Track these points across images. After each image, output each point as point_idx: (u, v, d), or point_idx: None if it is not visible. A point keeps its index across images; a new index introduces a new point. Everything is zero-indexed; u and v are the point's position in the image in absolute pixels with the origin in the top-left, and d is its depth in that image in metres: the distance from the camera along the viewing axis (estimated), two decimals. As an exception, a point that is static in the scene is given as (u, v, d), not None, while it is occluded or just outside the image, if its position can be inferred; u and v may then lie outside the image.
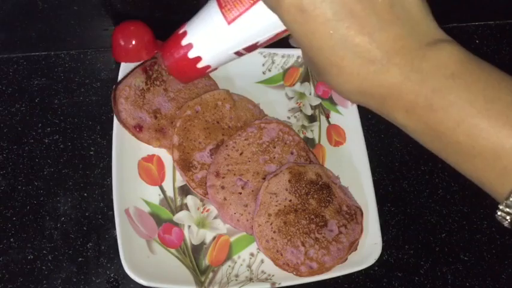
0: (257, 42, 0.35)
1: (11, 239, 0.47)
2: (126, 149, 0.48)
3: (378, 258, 0.48)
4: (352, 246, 0.47)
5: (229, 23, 0.33)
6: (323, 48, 0.26)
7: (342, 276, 0.47)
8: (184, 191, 0.49)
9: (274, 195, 0.46)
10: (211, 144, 0.49)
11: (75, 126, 0.52)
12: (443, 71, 0.26)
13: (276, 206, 0.46)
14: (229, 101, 0.51)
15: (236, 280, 0.46)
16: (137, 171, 0.49)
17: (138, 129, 0.49)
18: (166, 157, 0.50)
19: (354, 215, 0.49)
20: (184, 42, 0.37)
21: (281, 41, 0.61)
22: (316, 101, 0.56)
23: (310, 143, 0.54)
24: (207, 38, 0.36)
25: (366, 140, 0.53)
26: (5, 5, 0.49)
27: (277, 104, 0.55)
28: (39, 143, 0.51)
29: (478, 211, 0.55)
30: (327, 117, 0.56)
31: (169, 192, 0.49)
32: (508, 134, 0.24)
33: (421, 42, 0.26)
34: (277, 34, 0.34)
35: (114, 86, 0.50)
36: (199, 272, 0.46)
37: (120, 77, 0.51)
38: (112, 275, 0.47)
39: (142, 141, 0.49)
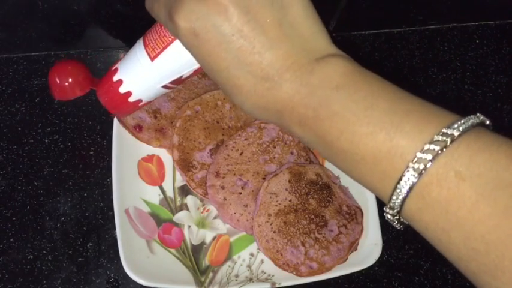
0: (181, 76, 0.37)
1: (11, 239, 0.47)
2: (126, 149, 0.48)
3: (378, 258, 0.48)
4: (352, 246, 0.47)
5: (152, 59, 0.36)
6: (220, 70, 0.28)
7: (342, 276, 0.47)
8: (184, 191, 0.49)
9: (274, 195, 0.46)
10: (211, 144, 0.49)
11: (75, 126, 0.52)
12: (328, 83, 0.27)
13: (276, 206, 0.46)
14: (229, 101, 0.51)
15: (236, 280, 0.46)
16: (137, 171, 0.49)
17: (138, 129, 0.49)
18: (166, 157, 0.50)
19: (354, 215, 0.49)
20: (115, 78, 0.39)
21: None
22: (316, 101, 0.56)
23: (310, 143, 0.54)
24: (134, 74, 0.38)
25: (366, 140, 0.53)
26: (5, 5, 0.49)
27: (277, 104, 0.55)
28: (39, 143, 0.51)
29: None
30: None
31: (169, 192, 0.49)
32: (384, 139, 0.25)
33: (311, 58, 0.27)
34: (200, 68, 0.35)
35: (114, 86, 0.50)
36: (199, 272, 0.46)
37: (120, 77, 0.51)
38: (112, 275, 0.47)
39: (142, 141, 0.49)
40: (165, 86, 0.38)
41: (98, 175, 0.50)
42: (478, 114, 0.25)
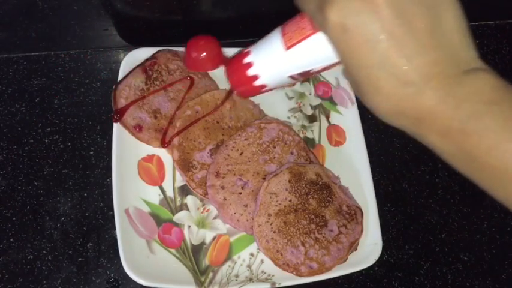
0: (310, 70, 0.37)
1: (11, 239, 0.47)
2: (126, 149, 0.48)
3: (378, 258, 0.48)
4: (352, 246, 0.47)
5: (287, 48, 0.36)
6: (362, 67, 0.27)
7: (342, 276, 0.47)
8: (184, 191, 0.49)
9: (274, 195, 0.46)
10: (211, 144, 0.49)
11: (75, 126, 0.52)
12: (478, 97, 0.26)
13: (276, 206, 0.46)
14: (229, 101, 0.51)
15: (236, 280, 0.46)
16: (137, 171, 0.49)
17: (138, 129, 0.49)
18: (166, 157, 0.50)
19: (354, 215, 0.49)
20: (245, 60, 0.40)
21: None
22: (316, 101, 0.57)
23: (310, 143, 0.54)
24: (265, 59, 0.39)
25: (366, 140, 0.53)
26: (5, 5, 0.49)
27: (277, 104, 0.55)
28: (39, 143, 0.51)
29: (478, 211, 0.55)
30: (327, 117, 0.56)
31: (169, 192, 0.49)
32: None
33: (459, 69, 0.27)
34: (331, 65, 0.35)
35: (114, 86, 0.50)
36: (199, 272, 0.46)
37: (120, 77, 0.51)
38: (112, 275, 0.47)
39: (142, 141, 0.49)
40: (292, 77, 0.38)
41: (98, 175, 0.50)
42: None
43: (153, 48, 0.53)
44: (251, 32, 0.60)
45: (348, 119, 0.55)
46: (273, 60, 0.38)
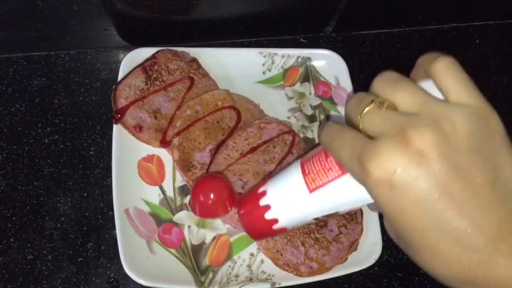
0: (338, 212, 0.33)
1: (11, 239, 0.47)
2: (126, 149, 0.48)
3: (378, 258, 0.48)
4: (352, 246, 0.47)
5: (311, 191, 0.32)
6: (415, 229, 0.24)
7: (342, 276, 0.47)
8: (184, 191, 0.49)
9: (274, 195, 0.46)
10: (211, 144, 0.49)
11: (75, 126, 0.52)
12: None
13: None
14: (229, 101, 0.51)
15: (236, 280, 0.46)
16: (137, 171, 0.49)
17: (138, 129, 0.49)
18: (166, 157, 0.50)
19: (354, 215, 0.49)
20: (262, 202, 0.36)
21: (281, 41, 0.61)
22: (316, 101, 0.56)
23: (310, 143, 0.54)
24: (286, 202, 0.35)
25: (366, 140, 0.53)
26: (5, 5, 0.49)
27: (277, 104, 0.55)
28: (39, 143, 0.51)
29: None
30: (327, 117, 0.56)
31: (169, 192, 0.49)
32: None
33: None
34: (363, 205, 0.32)
35: (114, 86, 0.50)
36: (199, 272, 0.46)
37: (120, 77, 0.51)
38: (112, 275, 0.47)
39: (142, 141, 0.49)
40: (316, 219, 0.34)
41: (98, 175, 0.50)
42: None
43: (153, 48, 0.53)
44: (251, 32, 0.61)
45: (348, 119, 0.55)
46: (295, 204, 0.34)
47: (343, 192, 0.30)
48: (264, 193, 0.36)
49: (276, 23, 0.59)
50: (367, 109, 0.26)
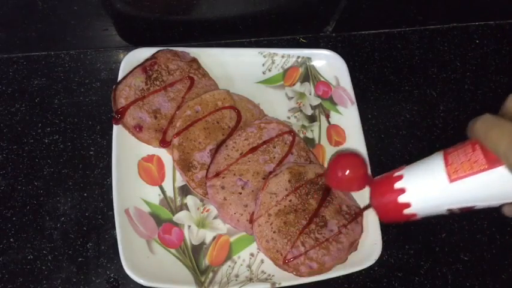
0: (474, 206, 0.33)
1: (11, 239, 0.47)
2: (126, 149, 0.48)
3: (378, 258, 0.48)
4: (352, 246, 0.47)
5: (451, 181, 0.32)
6: None
7: (342, 276, 0.47)
8: (184, 191, 0.49)
9: (274, 195, 0.46)
10: (211, 144, 0.49)
11: (75, 126, 0.52)
12: None
13: (276, 206, 0.46)
14: (229, 101, 0.51)
15: (236, 280, 0.46)
16: (137, 171, 0.49)
17: (138, 129, 0.49)
18: (166, 157, 0.50)
19: (354, 215, 0.49)
20: (397, 185, 0.36)
21: (281, 41, 0.61)
22: (316, 101, 0.56)
23: (310, 143, 0.54)
24: (422, 189, 0.35)
25: (366, 140, 0.53)
26: (5, 5, 0.49)
27: (277, 104, 0.55)
28: (39, 143, 0.51)
29: (478, 211, 0.55)
30: (327, 117, 0.56)
31: (169, 192, 0.49)
32: None
33: None
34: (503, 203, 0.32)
35: (114, 86, 0.50)
36: (199, 272, 0.46)
37: (120, 77, 0.51)
38: (112, 275, 0.47)
39: (142, 141, 0.49)
40: (450, 210, 0.34)
41: (98, 175, 0.50)
42: None
43: (153, 48, 0.53)
44: (251, 32, 0.61)
45: (348, 119, 0.55)
46: (432, 191, 0.34)
47: (486, 187, 0.30)
48: (400, 177, 0.36)
49: (276, 23, 0.59)
50: None
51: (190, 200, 0.49)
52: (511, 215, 0.30)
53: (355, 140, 0.54)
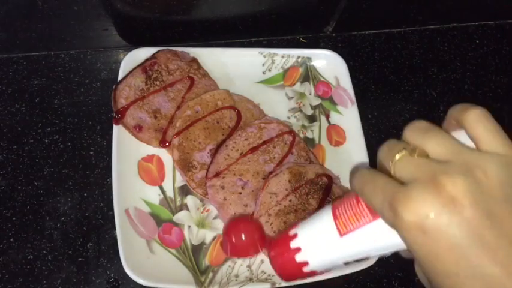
0: (369, 256, 0.33)
1: (11, 239, 0.47)
2: (126, 149, 0.48)
3: (378, 258, 0.48)
4: (352, 246, 0.47)
5: (341, 235, 0.32)
6: (448, 274, 0.24)
7: (342, 276, 0.47)
8: (184, 191, 0.49)
9: (274, 195, 0.46)
10: (211, 144, 0.49)
11: (75, 126, 0.52)
12: None
13: (276, 206, 0.46)
14: (229, 101, 0.51)
15: (236, 280, 0.46)
16: (137, 171, 0.49)
17: (138, 129, 0.49)
18: (166, 157, 0.50)
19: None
20: (293, 244, 0.36)
21: (281, 41, 0.61)
22: (316, 101, 0.56)
23: (310, 143, 0.54)
24: (316, 246, 0.35)
25: (365, 140, 0.53)
26: (5, 5, 0.49)
27: (277, 104, 0.55)
28: (39, 143, 0.51)
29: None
30: (327, 117, 0.56)
31: (169, 192, 0.49)
32: None
33: None
34: (395, 251, 0.32)
35: (114, 86, 0.50)
36: (199, 272, 0.46)
37: (120, 77, 0.51)
38: (112, 275, 0.47)
39: (142, 141, 0.49)
40: (347, 263, 0.34)
41: (98, 175, 0.50)
42: None
43: (153, 48, 0.53)
44: (251, 32, 0.61)
45: (348, 119, 0.55)
46: (325, 247, 0.34)
47: (374, 238, 0.31)
48: (295, 235, 0.36)
49: (276, 23, 0.59)
50: (399, 156, 0.27)
51: (190, 200, 0.49)
52: (408, 257, 0.31)
53: (355, 140, 0.54)
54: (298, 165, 0.48)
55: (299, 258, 0.35)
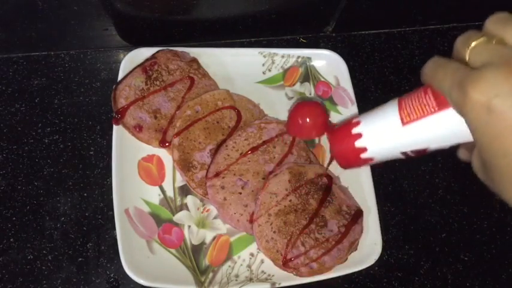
0: (427, 148, 0.33)
1: (11, 239, 0.47)
2: (126, 149, 0.48)
3: (378, 258, 0.48)
4: (352, 246, 0.47)
5: (404, 124, 0.33)
6: (505, 154, 0.25)
7: (342, 276, 0.47)
8: (184, 191, 0.49)
9: (274, 195, 0.46)
10: (211, 144, 0.49)
11: (75, 126, 0.52)
12: None
13: (276, 206, 0.46)
14: (229, 101, 0.51)
15: (236, 280, 0.46)
16: (137, 171, 0.49)
17: (138, 129, 0.49)
18: (166, 157, 0.50)
19: (354, 215, 0.49)
20: (355, 130, 0.37)
21: (281, 41, 0.61)
22: (316, 101, 0.57)
23: (310, 143, 0.54)
24: (377, 132, 0.36)
25: (366, 140, 0.53)
26: (5, 5, 0.49)
27: (277, 104, 0.55)
28: (39, 143, 0.51)
29: (478, 211, 0.55)
30: (327, 117, 0.56)
31: (169, 192, 0.49)
32: None
33: None
34: (452, 145, 0.33)
35: (114, 86, 0.50)
36: (199, 272, 0.46)
37: (120, 77, 0.51)
38: (112, 275, 0.47)
39: (142, 141, 0.49)
40: (404, 153, 0.35)
41: (98, 175, 0.50)
42: None
43: (153, 48, 0.53)
44: (251, 32, 0.61)
45: (348, 119, 0.55)
46: (386, 134, 0.35)
47: (436, 128, 0.31)
48: (357, 123, 0.37)
49: (276, 23, 0.59)
50: (475, 43, 0.27)
51: (190, 200, 0.49)
52: (466, 159, 0.32)
53: (355, 140, 0.54)
54: (298, 165, 0.48)
55: (359, 143, 0.36)
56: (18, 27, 0.52)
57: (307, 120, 0.46)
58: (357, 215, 0.49)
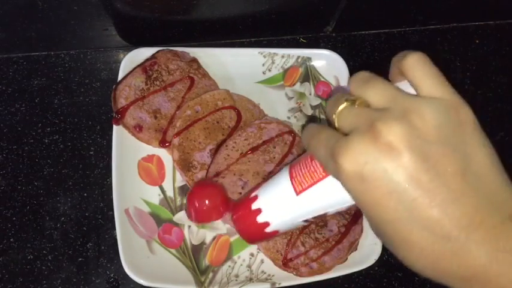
0: (326, 213, 0.34)
1: (11, 239, 0.47)
2: (126, 149, 0.48)
3: (378, 258, 0.48)
4: (352, 246, 0.47)
5: (298, 193, 0.33)
6: (387, 221, 0.24)
7: (342, 276, 0.47)
8: (184, 191, 0.49)
9: (274, 195, 0.46)
10: (211, 144, 0.49)
11: (75, 126, 0.52)
12: None
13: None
14: (229, 101, 0.51)
15: (236, 280, 0.46)
16: (137, 171, 0.49)
17: (138, 129, 0.49)
18: (166, 157, 0.50)
19: (354, 215, 0.49)
20: (254, 206, 0.37)
21: (281, 41, 0.61)
22: (316, 101, 0.56)
23: (310, 143, 0.54)
24: (275, 205, 0.36)
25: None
26: (5, 5, 0.49)
27: (277, 104, 0.55)
28: (39, 143, 0.51)
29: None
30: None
31: (169, 192, 0.49)
32: None
33: (503, 216, 0.23)
34: (350, 206, 0.32)
35: (114, 86, 0.50)
36: (199, 272, 0.46)
37: (120, 77, 0.51)
38: (112, 275, 0.47)
39: (142, 141, 0.49)
40: (306, 221, 0.35)
41: (98, 175, 0.50)
42: None
43: (153, 48, 0.53)
44: (251, 32, 0.61)
45: (348, 119, 0.55)
46: (283, 207, 0.35)
47: (328, 193, 0.31)
48: (255, 197, 0.37)
49: (276, 23, 0.59)
50: (341, 107, 0.27)
51: (190, 200, 0.49)
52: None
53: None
54: (298, 165, 0.48)
55: (260, 219, 0.36)
56: (18, 27, 0.52)
57: (206, 202, 0.44)
58: (357, 215, 0.49)
